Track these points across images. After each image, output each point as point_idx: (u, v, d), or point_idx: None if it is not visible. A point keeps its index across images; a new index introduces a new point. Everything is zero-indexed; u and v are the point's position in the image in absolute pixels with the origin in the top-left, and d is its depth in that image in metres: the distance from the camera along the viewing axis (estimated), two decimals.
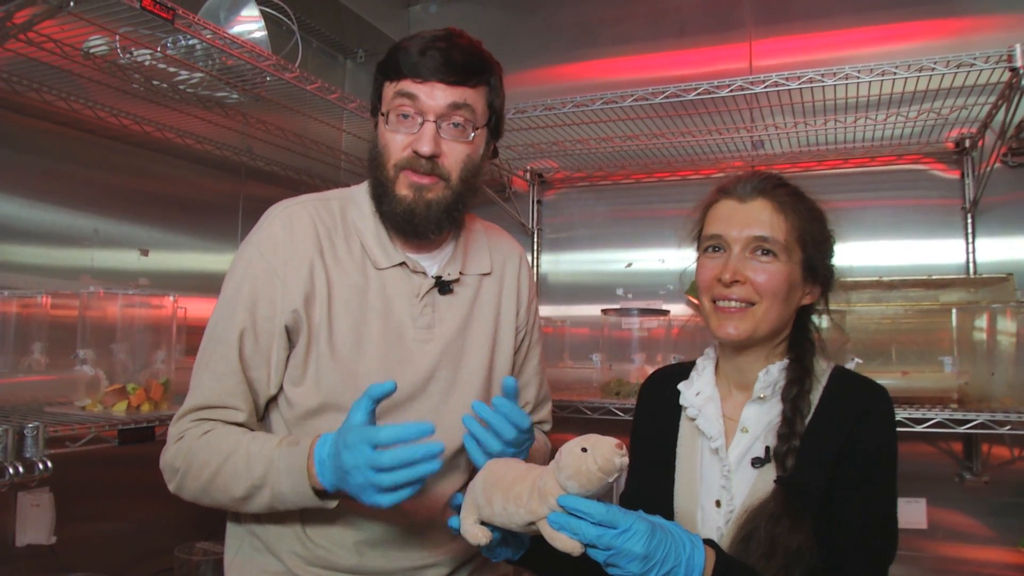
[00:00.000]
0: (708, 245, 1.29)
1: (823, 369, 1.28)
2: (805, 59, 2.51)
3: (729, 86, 1.94)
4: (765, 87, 1.90)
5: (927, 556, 2.24)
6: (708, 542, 1.07)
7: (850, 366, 1.94)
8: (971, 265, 2.26)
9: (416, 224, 1.33)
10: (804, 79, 1.87)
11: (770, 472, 1.19)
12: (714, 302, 1.25)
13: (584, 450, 1.00)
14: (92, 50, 1.72)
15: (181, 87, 1.96)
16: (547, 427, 1.63)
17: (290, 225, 1.35)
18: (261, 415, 1.36)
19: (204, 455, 1.25)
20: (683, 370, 1.41)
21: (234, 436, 1.27)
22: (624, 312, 2.22)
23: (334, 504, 1.22)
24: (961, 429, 1.75)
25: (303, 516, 1.32)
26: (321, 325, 1.32)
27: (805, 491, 1.14)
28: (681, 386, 1.35)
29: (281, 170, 2.63)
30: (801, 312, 1.30)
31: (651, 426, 1.39)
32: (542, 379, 1.62)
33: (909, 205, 2.38)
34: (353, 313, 1.34)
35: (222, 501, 1.28)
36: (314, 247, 1.34)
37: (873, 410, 1.21)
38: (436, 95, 1.28)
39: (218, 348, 1.30)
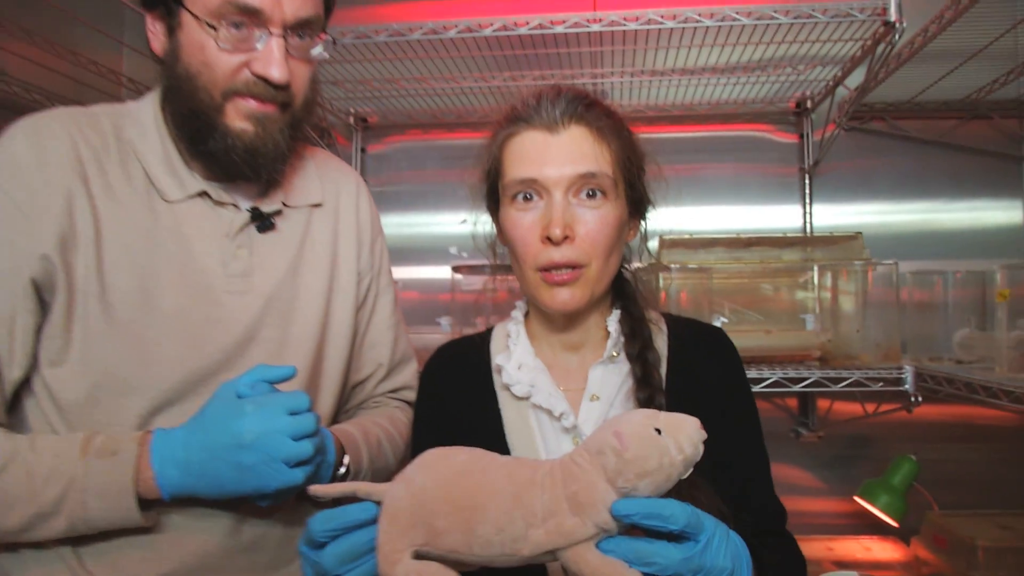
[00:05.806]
0: (517, 192, 1.03)
1: (652, 315, 1.10)
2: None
3: (564, 22, 1.79)
4: (603, 25, 1.78)
5: None
6: None
7: (717, 324, 1.89)
8: (808, 228, 2.29)
9: (259, 164, 1.04)
10: (643, 19, 1.77)
11: None
12: (541, 270, 1.01)
13: (658, 431, 0.69)
14: None
15: None
16: (412, 395, 1.31)
17: (39, 143, 0.99)
18: (9, 406, 0.99)
19: None
20: (475, 344, 1.15)
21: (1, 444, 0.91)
22: (478, 270, 2.00)
23: (152, 520, 0.95)
24: (837, 388, 1.74)
25: (76, 541, 0.97)
26: (88, 278, 0.98)
27: None
28: (499, 359, 1.09)
29: (46, 100, 2.07)
30: None
31: (457, 416, 1.10)
32: (397, 335, 1.32)
33: (749, 169, 2.38)
34: (136, 260, 1.01)
35: None
36: (74, 173, 1.00)
37: (729, 350, 1.10)
38: (285, 4, 0.99)
39: None
